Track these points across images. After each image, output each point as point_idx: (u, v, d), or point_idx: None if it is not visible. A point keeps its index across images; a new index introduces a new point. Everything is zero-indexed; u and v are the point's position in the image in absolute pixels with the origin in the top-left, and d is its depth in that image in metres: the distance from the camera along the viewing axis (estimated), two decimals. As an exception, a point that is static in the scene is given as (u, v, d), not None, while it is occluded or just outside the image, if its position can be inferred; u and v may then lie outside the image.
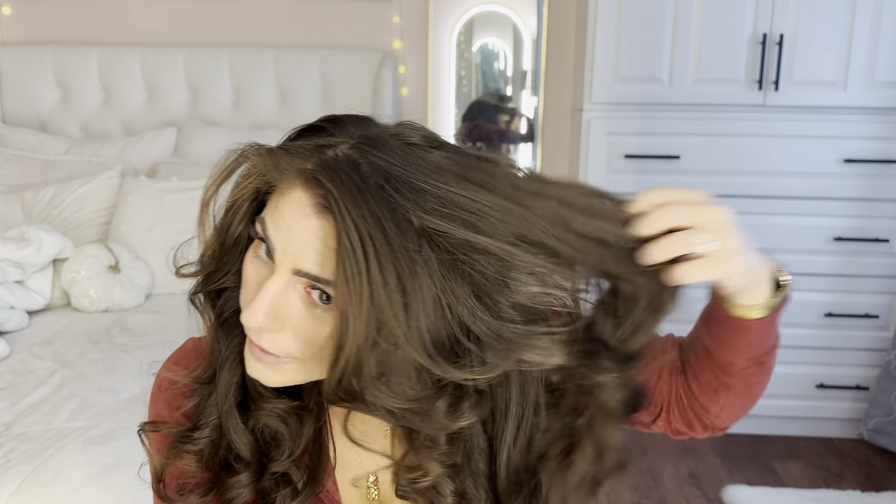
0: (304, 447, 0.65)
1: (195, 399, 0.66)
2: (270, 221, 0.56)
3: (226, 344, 0.65)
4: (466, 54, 2.85)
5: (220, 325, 0.65)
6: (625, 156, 2.38)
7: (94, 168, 2.50)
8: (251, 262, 0.59)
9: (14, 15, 2.84)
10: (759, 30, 2.28)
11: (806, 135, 2.33)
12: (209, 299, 0.65)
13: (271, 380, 0.59)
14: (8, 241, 2.11)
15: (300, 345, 0.57)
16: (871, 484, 2.28)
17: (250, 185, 0.59)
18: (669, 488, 2.24)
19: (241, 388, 0.65)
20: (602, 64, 2.35)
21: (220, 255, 0.63)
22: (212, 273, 0.63)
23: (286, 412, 0.64)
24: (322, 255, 0.53)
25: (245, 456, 0.64)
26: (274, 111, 2.73)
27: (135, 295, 2.21)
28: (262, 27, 2.80)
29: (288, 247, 0.54)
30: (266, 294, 0.55)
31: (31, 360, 1.77)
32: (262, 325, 0.55)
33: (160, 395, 0.70)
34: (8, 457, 1.37)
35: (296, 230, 0.54)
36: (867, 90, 2.29)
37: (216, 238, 0.62)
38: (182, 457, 0.64)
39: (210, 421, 0.65)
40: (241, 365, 0.64)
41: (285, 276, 0.55)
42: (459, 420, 0.56)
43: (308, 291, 0.56)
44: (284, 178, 0.55)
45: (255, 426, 0.65)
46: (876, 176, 2.33)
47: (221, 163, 0.59)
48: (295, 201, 0.54)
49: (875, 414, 2.44)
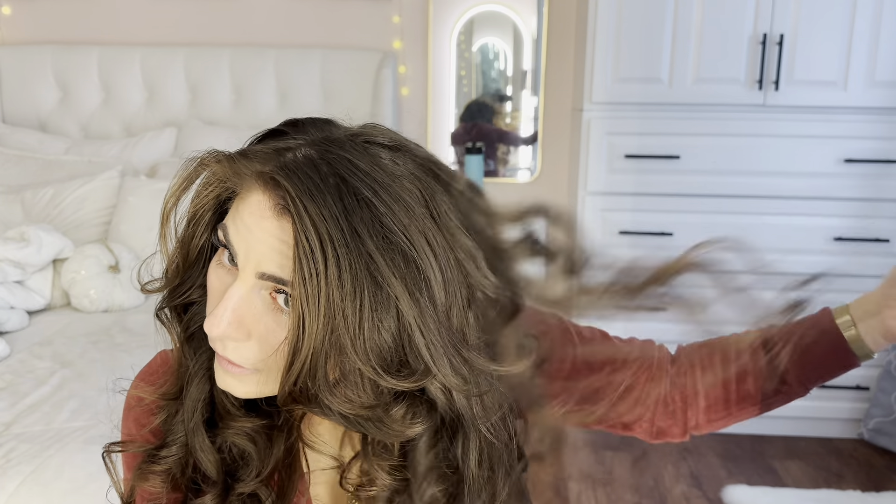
0: (272, 466, 0.63)
1: (162, 416, 0.64)
2: (231, 226, 0.55)
3: (193, 359, 0.63)
4: (466, 54, 2.85)
5: (187, 339, 0.63)
6: (625, 156, 2.38)
7: (93, 168, 2.50)
8: (214, 272, 0.58)
9: (14, 15, 2.84)
10: (760, 30, 2.28)
11: (806, 135, 2.33)
12: (175, 314, 0.63)
13: (240, 391, 0.58)
14: (8, 241, 2.11)
15: (265, 353, 0.55)
16: (872, 484, 2.28)
17: (211, 194, 0.58)
18: (669, 488, 2.24)
19: (209, 404, 0.63)
20: (602, 64, 2.35)
21: (184, 268, 0.61)
22: (176, 287, 0.62)
23: (255, 431, 0.62)
24: (283, 256, 0.52)
25: (211, 475, 0.62)
26: (274, 111, 2.73)
27: (135, 295, 2.21)
28: (262, 27, 2.80)
29: (249, 250, 0.53)
30: (229, 301, 0.53)
31: (30, 360, 1.77)
32: (225, 333, 0.53)
33: (129, 413, 0.68)
34: (8, 457, 1.37)
35: (256, 232, 0.53)
36: (867, 90, 2.29)
37: (179, 251, 0.61)
38: (148, 478, 0.63)
39: (177, 438, 0.63)
40: (209, 381, 0.63)
41: (249, 281, 0.54)
42: (414, 427, 0.55)
43: (273, 296, 0.54)
44: (244, 182, 0.54)
45: (223, 444, 0.63)
46: (876, 176, 2.33)
47: (180, 173, 0.58)
48: (254, 204, 0.53)
49: (875, 414, 2.44)
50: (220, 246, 0.57)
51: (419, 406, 0.55)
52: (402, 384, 0.52)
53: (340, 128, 0.58)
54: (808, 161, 2.34)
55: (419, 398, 0.55)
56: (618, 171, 2.39)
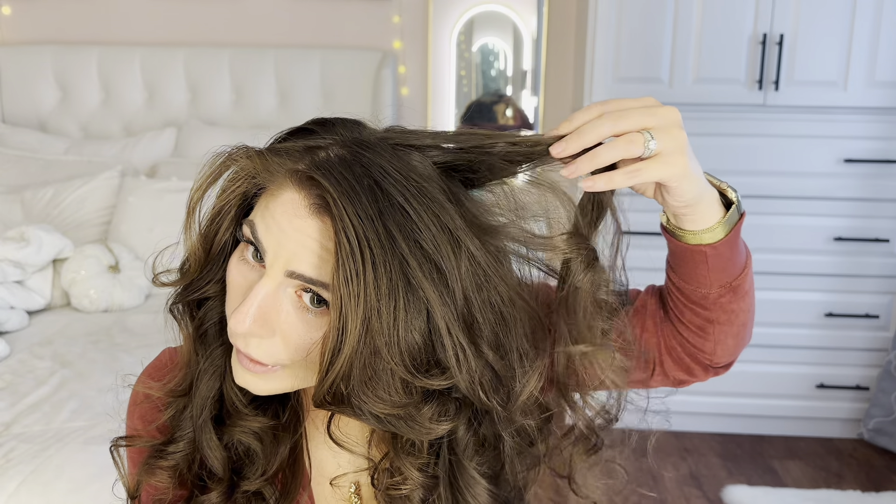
0: (278, 465, 0.64)
1: (170, 412, 0.65)
2: (261, 223, 0.55)
3: (204, 356, 0.63)
4: (466, 54, 2.85)
5: (198, 336, 0.63)
6: (625, 156, 2.37)
7: (93, 168, 2.50)
8: (237, 267, 0.57)
9: (14, 15, 2.84)
10: (760, 30, 2.28)
11: (806, 135, 2.33)
12: (188, 310, 0.63)
13: (260, 388, 0.58)
14: (8, 241, 2.11)
15: (290, 351, 0.55)
16: (871, 484, 2.28)
17: (238, 189, 0.58)
18: (669, 488, 2.24)
19: (218, 402, 0.63)
20: (602, 64, 2.35)
21: (205, 263, 0.61)
22: (193, 282, 0.62)
23: (262, 430, 0.63)
24: (318, 257, 0.52)
25: (217, 472, 0.62)
26: (274, 111, 2.73)
27: (135, 295, 2.21)
28: (262, 27, 2.80)
29: (280, 249, 0.53)
30: (255, 297, 0.53)
31: (31, 360, 1.77)
32: (250, 330, 0.53)
33: (135, 409, 0.68)
34: (8, 457, 1.37)
35: (288, 231, 0.53)
36: (867, 90, 2.29)
37: (202, 245, 0.60)
38: (155, 473, 0.63)
39: (185, 434, 0.63)
40: (219, 378, 0.63)
41: (277, 279, 0.54)
42: (443, 424, 0.56)
43: (299, 295, 0.55)
44: (275, 179, 0.55)
45: (230, 442, 0.63)
46: (876, 176, 2.33)
47: (208, 166, 0.58)
48: (287, 202, 0.53)
49: (875, 414, 2.44)
50: (245, 241, 0.57)
51: (448, 404, 0.56)
52: (433, 383, 0.53)
53: (369, 129, 0.59)
54: (807, 161, 2.34)
55: (448, 396, 0.56)
56: (618, 171, 2.39)
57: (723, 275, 0.66)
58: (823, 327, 2.43)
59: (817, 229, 2.38)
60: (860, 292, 2.41)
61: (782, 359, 2.46)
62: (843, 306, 2.42)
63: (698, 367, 0.71)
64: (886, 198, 2.35)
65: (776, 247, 2.37)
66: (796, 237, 2.38)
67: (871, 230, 2.36)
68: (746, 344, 0.72)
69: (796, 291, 2.41)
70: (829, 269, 2.39)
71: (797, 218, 2.37)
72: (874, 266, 2.38)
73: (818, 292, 2.41)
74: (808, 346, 2.46)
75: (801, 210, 2.37)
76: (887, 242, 2.36)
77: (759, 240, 2.37)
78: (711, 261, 0.65)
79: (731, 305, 0.67)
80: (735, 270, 0.66)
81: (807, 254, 2.39)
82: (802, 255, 2.39)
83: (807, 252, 2.39)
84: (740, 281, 0.67)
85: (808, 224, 2.38)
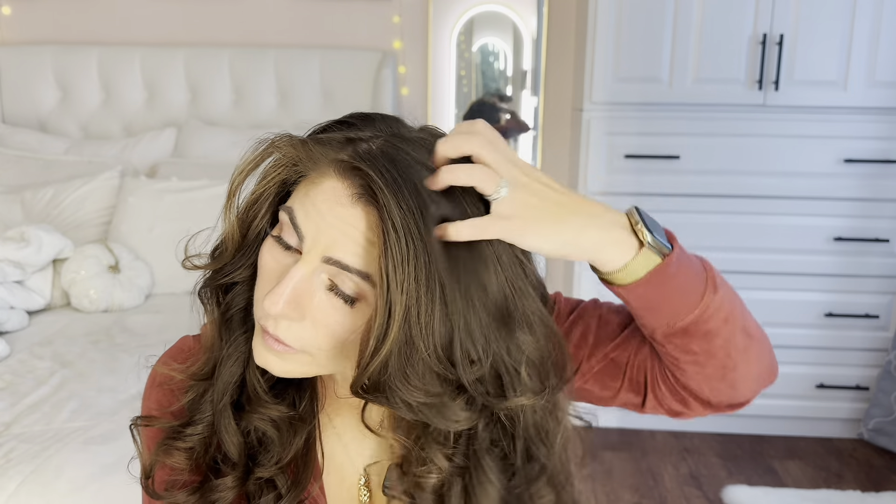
0: (292, 454, 0.65)
1: (190, 395, 0.66)
2: (300, 209, 0.56)
3: (228, 342, 0.64)
4: (466, 54, 2.85)
5: (224, 322, 0.64)
6: (625, 156, 2.38)
7: (93, 168, 2.50)
8: (270, 251, 0.58)
9: (14, 15, 2.84)
10: (759, 30, 2.28)
11: (806, 135, 2.33)
12: (215, 295, 0.65)
13: (278, 369, 0.59)
14: (8, 241, 2.11)
15: (317, 336, 0.57)
16: (871, 484, 2.28)
17: (279, 176, 0.59)
18: (669, 488, 2.24)
19: (239, 387, 0.64)
20: (602, 64, 2.35)
21: (240, 247, 0.62)
22: (225, 266, 0.63)
23: (279, 418, 0.64)
24: (359, 246, 0.54)
25: (233, 457, 0.64)
26: (274, 111, 2.73)
27: (135, 295, 2.21)
28: (262, 27, 2.80)
29: (319, 234, 0.54)
30: (291, 280, 0.55)
31: (30, 360, 1.77)
32: (282, 311, 0.55)
33: (153, 390, 0.69)
34: (8, 457, 1.36)
35: (328, 218, 0.54)
36: (867, 90, 2.29)
37: (239, 229, 0.62)
38: (172, 454, 0.64)
39: (204, 417, 0.64)
40: (241, 364, 0.64)
41: (313, 264, 0.55)
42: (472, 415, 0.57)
43: (332, 282, 0.56)
44: (317, 167, 0.56)
45: (247, 428, 0.64)
46: (876, 176, 2.33)
47: (251, 152, 0.59)
48: (329, 190, 0.55)
49: (875, 414, 2.44)
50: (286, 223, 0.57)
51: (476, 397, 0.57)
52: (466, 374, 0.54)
53: (407, 126, 0.60)
54: (808, 161, 2.34)
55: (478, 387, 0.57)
56: (618, 171, 2.39)
57: (658, 316, 0.60)
58: (823, 327, 2.43)
59: (817, 229, 2.38)
60: (860, 292, 2.41)
61: (782, 359, 2.43)
62: (843, 306, 2.42)
63: (695, 402, 0.67)
64: (886, 198, 2.35)
65: (776, 247, 2.37)
66: (796, 237, 2.38)
67: (871, 230, 2.36)
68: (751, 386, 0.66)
69: (796, 291, 2.41)
70: (829, 269, 2.39)
71: (797, 218, 2.37)
72: (874, 266, 2.39)
73: (818, 292, 2.42)
74: (808, 346, 2.46)
75: (801, 210, 2.37)
76: (887, 242, 2.36)
77: (759, 240, 2.38)
78: (634, 302, 0.60)
79: (689, 346, 0.61)
80: (678, 311, 0.59)
81: (807, 254, 2.39)
82: (802, 255, 2.39)
83: (807, 252, 2.39)
84: (690, 323, 0.60)
85: (808, 224, 2.38)
